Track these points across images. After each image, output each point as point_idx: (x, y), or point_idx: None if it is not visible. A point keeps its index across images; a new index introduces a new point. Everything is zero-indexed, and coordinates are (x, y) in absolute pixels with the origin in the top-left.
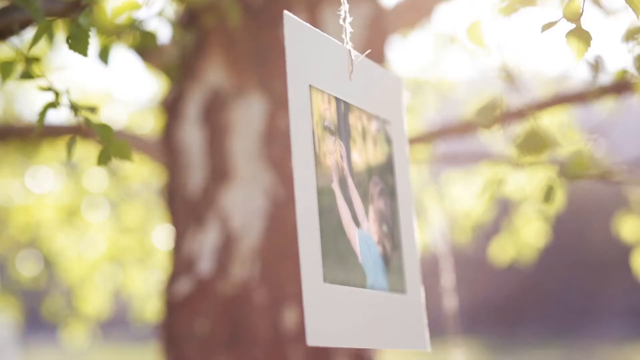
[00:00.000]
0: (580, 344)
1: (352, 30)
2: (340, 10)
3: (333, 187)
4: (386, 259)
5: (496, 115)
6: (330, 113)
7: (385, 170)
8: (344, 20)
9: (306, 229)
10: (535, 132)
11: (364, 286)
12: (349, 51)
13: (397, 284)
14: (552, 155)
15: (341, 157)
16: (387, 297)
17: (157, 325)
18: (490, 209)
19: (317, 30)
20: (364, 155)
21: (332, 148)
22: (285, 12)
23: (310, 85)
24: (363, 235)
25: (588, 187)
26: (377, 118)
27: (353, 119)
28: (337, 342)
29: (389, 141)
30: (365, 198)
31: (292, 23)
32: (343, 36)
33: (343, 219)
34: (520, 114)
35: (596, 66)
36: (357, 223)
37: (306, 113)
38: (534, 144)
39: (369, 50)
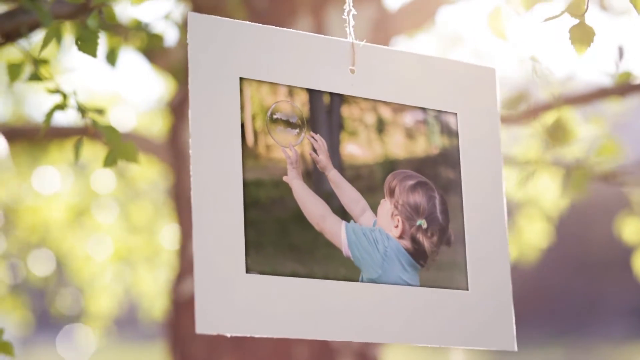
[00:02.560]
0: (582, 344)
1: (354, 24)
2: (353, 10)
3: (286, 179)
4: (419, 255)
5: (522, 106)
6: (291, 105)
7: (437, 164)
8: (348, 13)
9: (210, 221)
10: (562, 122)
11: (353, 279)
12: (352, 44)
13: (445, 280)
14: (561, 154)
15: (314, 149)
16: (410, 292)
17: (164, 325)
18: None
19: (256, 24)
20: (377, 147)
21: (290, 140)
22: (190, 13)
23: (241, 78)
24: (360, 229)
25: (590, 188)
26: (423, 110)
27: (353, 111)
28: (250, 330)
29: (448, 133)
30: (372, 191)
31: (200, 20)
32: (347, 29)
33: (309, 212)
34: (545, 107)
35: (620, 55)
36: (346, 216)
37: (229, 106)
38: (560, 134)
39: (364, 41)
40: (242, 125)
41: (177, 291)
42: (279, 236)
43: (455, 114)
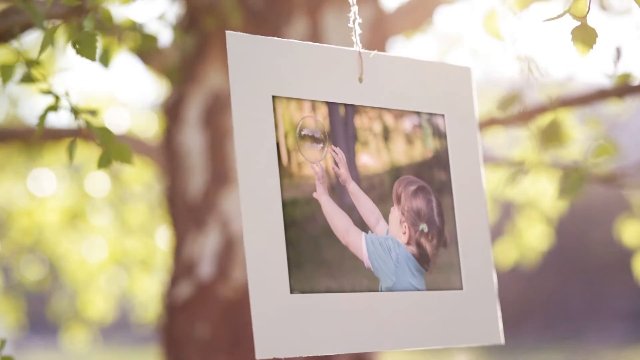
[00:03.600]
0: (582, 347)
1: (359, 32)
2: (349, 13)
3: (315, 196)
4: (423, 259)
5: (516, 107)
6: (315, 120)
7: (431, 167)
8: (354, 22)
9: (259, 244)
10: (557, 124)
11: (374, 290)
12: (359, 52)
13: (444, 282)
14: (559, 156)
15: (335, 163)
16: (418, 297)
17: (158, 329)
18: (493, 212)
19: (284, 40)
20: (384, 155)
21: (316, 156)
22: (228, 32)
23: (273, 96)
24: (376, 238)
25: (590, 191)
26: (417, 114)
27: (363, 121)
28: (301, 351)
29: (439, 135)
30: (383, 200)
31: (238, 39)
32: (353, 38)
33: (335, 227)
34: (540, 108)
35: (617, 56)
36: (365, 227)
37: (266, 126)
38: (555, 136)
39: (375, 51)
40: (277, 144)
41: (171, 294)
42: (313, 253)
43: (443, 115)
